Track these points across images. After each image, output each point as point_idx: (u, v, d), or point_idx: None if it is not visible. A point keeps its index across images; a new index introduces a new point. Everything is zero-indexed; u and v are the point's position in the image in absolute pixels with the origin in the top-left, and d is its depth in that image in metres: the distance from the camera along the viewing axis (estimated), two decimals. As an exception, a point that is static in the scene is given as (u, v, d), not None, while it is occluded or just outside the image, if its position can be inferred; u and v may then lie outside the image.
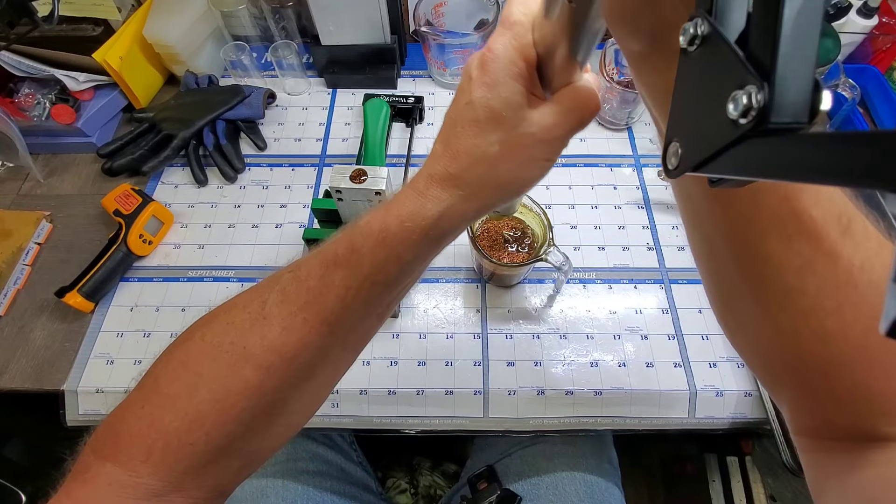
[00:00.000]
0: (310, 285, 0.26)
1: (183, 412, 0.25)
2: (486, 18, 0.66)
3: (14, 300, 0.54)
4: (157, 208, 0.56)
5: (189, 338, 0.28)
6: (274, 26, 0.69)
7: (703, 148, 0.18)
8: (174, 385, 0.26)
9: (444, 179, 0.25)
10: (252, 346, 0.26)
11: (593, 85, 0.25)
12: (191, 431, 0.25)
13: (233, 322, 0.27)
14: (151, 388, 0.27)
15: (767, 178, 0.16)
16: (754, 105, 0.15)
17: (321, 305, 0.26)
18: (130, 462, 0.25)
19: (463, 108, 0.25)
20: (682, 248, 0.56)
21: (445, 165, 0.25)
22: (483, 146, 0.24)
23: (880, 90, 0.65)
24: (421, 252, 0.26)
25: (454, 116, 0.26)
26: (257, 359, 0.26)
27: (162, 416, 0.25)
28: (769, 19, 0.15)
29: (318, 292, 0.26)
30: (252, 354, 0.26)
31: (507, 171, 0.25)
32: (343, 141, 0.66)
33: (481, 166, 0.25)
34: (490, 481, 0.50)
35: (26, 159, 0.60)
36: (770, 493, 0.62)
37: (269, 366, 0.26)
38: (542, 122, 0.24)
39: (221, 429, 0.25)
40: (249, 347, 0.26)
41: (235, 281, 0.55)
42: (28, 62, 0.60)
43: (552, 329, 0.51)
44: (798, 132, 0.15)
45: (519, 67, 0.24)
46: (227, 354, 0.26)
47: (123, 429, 0.26)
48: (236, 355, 0.26)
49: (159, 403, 0.26)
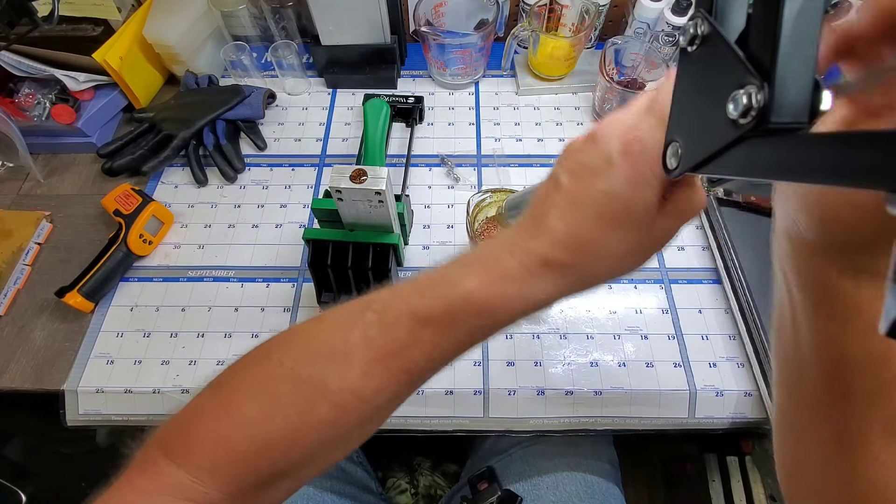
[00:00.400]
0: (397, 336, 0.26)
1: (256, 437, 0.26)
2: (486, 18, 0.66)
3: (14, 300, 0.54)
4: (157, 208, 0.56)
5: (267, 358, 0.28)
6: (274, 26, 0.70)
7: (703, 148, 0.18)
8: (251, 407, 0.27)
9: (561, 266, 0.24)
10: (331, 384, 0.26)
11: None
12: (259, 456, 0.26)
13: (312, 353, 0.27)
14: (228, 403, 0.27)
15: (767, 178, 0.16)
16: (754, 105, 0.15)
17: (406, 359, 0.26)
18: (198, 471, 0.26)
19: (598, 195, 0.23)
20: (681, 248, 0.56)
21: (567, 255, 0.24)
22: (613, 244, 0.24)
23: (880, 90, 0.65)
24: (514, 323, 0.27)
25: (580, 197, 0.24)
26: (335, 396, 0.26)
27: (235, 435, 0.26)
28: (769, 19, 0.15)
29: (404, 345, 0.26)
30: (330, 391, 0.26)
31: (623, 268, 0.25)
32: (343, 141, 0.66)
33: (604, 263, 0.24)
34: (490, 482, 0.50)
35: (26, 159, 0.60)
36: (770, 493, 0.62)
37: (346, 405, 0.26)
38: (666, 226, 0.24)
39: (288, 457, 0.26)
40: (328, 384, 0.26)
41: (235, 281, 0.55)
42: (28, 62, 0.60)
43: (552, 329, 0.51)
44: (798, 132, 0.15)
45: (661, 166, 0.22)
46: (306, 386, 0.26)
47: (196, 437, 0.27)
48: (315, 389, 0.26)
49: (234, 422, 0.26)
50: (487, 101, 0.69)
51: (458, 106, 0.69)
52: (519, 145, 0.65)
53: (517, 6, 0.71)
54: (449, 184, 0.62)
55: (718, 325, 0.51)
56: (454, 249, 0.56)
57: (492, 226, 0.52)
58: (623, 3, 0.71)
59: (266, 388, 0.27)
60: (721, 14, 0.17)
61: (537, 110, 0.68)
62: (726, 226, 0.54)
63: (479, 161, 0.64)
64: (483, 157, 0.64)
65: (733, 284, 0.51)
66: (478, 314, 0.25)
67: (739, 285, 0.50)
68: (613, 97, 0.61)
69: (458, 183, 0.61)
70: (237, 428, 0.26)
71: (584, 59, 0.69)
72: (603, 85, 0.61)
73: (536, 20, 0.65)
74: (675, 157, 0.21)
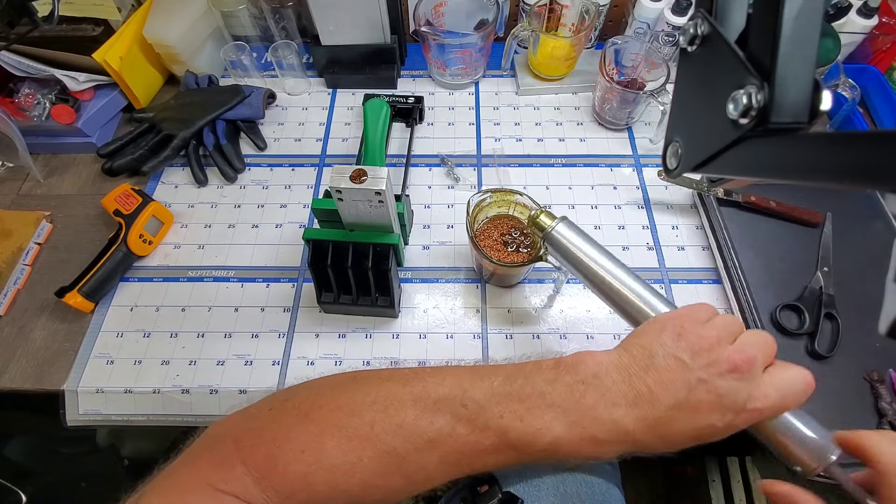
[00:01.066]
0: (480, 441, 0.29)
1: (335, 484, 0.28)
2: (486, 18, 0.66)
3: (14, 300, 0.54)
4: (157, 208, 0.56)
5: (359, 413, 0.30)
6: (274, 26, 0.69)
7: (703, 148, 0.18)
8: (338, 454, 0.28)
9: (644, 447, 0.29)
10: (411, 462, 0.29)
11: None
12: (331, 500, 0.28)
13: (402, 427, 0.29)
14: (317, 440, 0.29)
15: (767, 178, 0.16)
16: (754, 105, 0.15)
17: (478, 462, 0.30)
18: (274, 493, 0.27)
19: (715, 422, 0.28)
20: (681, 249, 0.56)
21: (654, 443, 0.28)
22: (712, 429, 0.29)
23: (880, 90, 0.65)
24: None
25: (699, 416, 0.28)
26: (410, 472, 0.29)
27: (318, 474, 0.28)
28: (769, 19, 0.15)
29: (484, 452, 0.29)
30: (408, 468, 0.29)
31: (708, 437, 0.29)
32: (343, 141, 0.66)
33: (692, 437, 0.29)
34: (490, 484, 0.50)
35: (26, 159, 0.60)
36: (770, 493, 0.62)
37: (416, 482, 0.29)
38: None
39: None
40: (409, 461, 0.29)
41: (235, 281, 0.55)
42: (28, 62, 0.60)
43: (552, 329, 0.51)
44: (798, 132, 0.15)
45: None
46: (389, 457, 0.28)
47: (280, 459, 0.28)
48: (396, 461, 0.29)
49: (320, 463, 0.28)
50: (487, 101, 0.69)
51: (458, 106, 0.69)
52: (519, 145, 0.65)
53: (517, 6, 0.71)
54: (449, 184, 0.62)
55: None
56: (454, 249, 0.56)
57: (491, 225, 0.52)
58: (623, 3, 0.71)
59: (354, 444, 0.29)
60: (721, 14, 0.17)
61: (537, 110, 0.68)
62: (726, 226, 0.54)
63: (479, 161, 0.64)
64: (483, 157, 0.64)
65: (733, 284, 0.51)
66: (553, 456, 0.29)
67: (739, 285, 0.50)
68: (613, 97, 0.61)
69: (458, 183, 0.61)
70: (321, 469, 0.28)
71: (584, 59, 0.69)
72: (603, 85, 0.61)
73: (536, 20, 0.65)
74: (675, 157, 0.21)
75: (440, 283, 0.54)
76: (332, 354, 0.50)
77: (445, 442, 0.29)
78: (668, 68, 0.58)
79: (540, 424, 0.28)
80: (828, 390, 0.46)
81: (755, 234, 0.54)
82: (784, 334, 0.48)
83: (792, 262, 0.53)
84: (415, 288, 0.54)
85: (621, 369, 0.29)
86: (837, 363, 0.47)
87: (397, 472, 0.28)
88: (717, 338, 0.29)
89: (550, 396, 0.29)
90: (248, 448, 0.28)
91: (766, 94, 0.15)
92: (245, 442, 0.29)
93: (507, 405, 0.29)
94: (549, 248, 0.40)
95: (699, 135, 0.19)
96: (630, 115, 0.63)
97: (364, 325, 0.52)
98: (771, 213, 0.55)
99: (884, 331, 0.15)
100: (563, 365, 0.30)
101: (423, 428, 0.29)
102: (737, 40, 0.17)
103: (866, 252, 0.53)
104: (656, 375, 0.28)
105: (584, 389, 0.29)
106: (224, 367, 0.49)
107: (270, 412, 0.30)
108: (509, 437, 0.28)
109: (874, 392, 0.46)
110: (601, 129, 0.66)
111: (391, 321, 0.52)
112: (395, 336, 0.51)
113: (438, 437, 0.28)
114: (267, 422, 0.30)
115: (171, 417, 0.49)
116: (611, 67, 0.62)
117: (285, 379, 0.49)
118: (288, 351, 0.50)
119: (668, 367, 0.28)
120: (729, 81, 0.16)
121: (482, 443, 0.29)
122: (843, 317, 0.48)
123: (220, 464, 0.28)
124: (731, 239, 0.53)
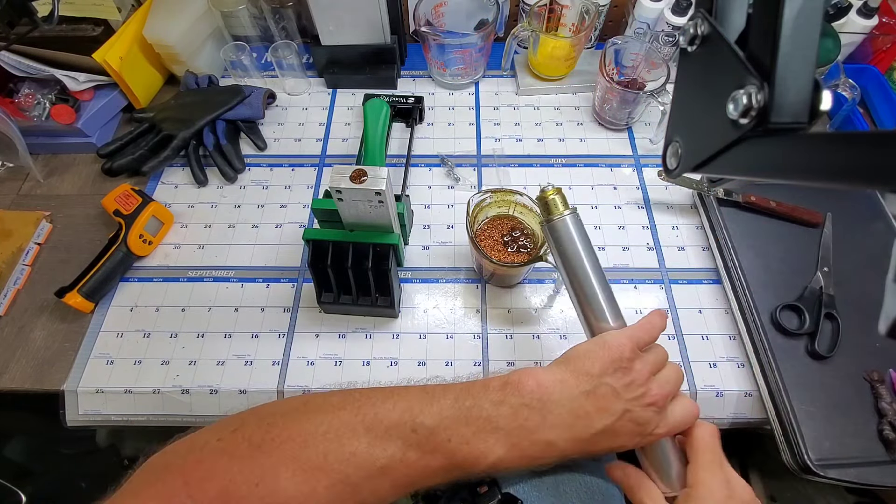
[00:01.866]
0: (430, 465, 0.30)
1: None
2: (486, 18, 0.66)
3: (14, 300, 0.54)
4: (157, 208, 0.56)
5: (313, 446, 0.30)
6: (274, 26, 0.69)
7: (703, 148, 0.18)
8: (291, 485, 0.28)
9: (580, 453, 0.33)
10: (364, 489, 0.29)
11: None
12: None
13: (354, 456, 0.29)
14: (270, 471, 0.28)
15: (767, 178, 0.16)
16: (754, 105, 0.15)
17: (427, 483, 0.31)
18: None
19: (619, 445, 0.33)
20: (681, 249, 0.56)
21: (586, 448, 0.33)
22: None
23: (880, 90, 0.65)
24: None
25: (619, 435, 0.33)
26: (362, 496, 0.30)
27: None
28: (769, 19, 0.15)
29: (432, 474, 0.31)
30: (361, 496, 0.29)
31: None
32: (343, 141, 0.66)
33: (607, 451, 0.34)
34: (490, 485, 0.50)
35: (26, 159, 0.60)
36: (770, 493, 0.62)
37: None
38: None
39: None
40: (362, 489, 0.29)
41: (235, 281, 0.55)
42: (28, 62, 0.60)
43: (552, 329, 0.51)
44: (798, 132, 0.15)
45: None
46: (343, 486, 0.29)
47: (234, 493, 0.27)
48: (350, 490, 0.29)
49: (273, 496, 0.28)
50: (487, 101, 0.69)
51: (458, 106, 0.69)
52: (519, 145, 0.65)
53: (517, 6, 0.71)
54: (449, 184, 0.62)
55: (718, 325, 0.51)
56: (454, 249, 0.56)
57: (491, 225, 0.52)
58: (623, 3, 0.71)
59: (308, 475, 0.29)
60: (721, 14, 0.17)
61: (537, 110, 0.68)
62: (726, 226, 0.54)
63: (479, 161, 0.64)
64: (483, 157, 0.64)
65: (733, 284, 0.51)
66: (492, 472, 0.32)
67: (739, 285, 0.50)
68: (613, 97, 0.61)
69: (458, 183, 0.61)
70: (276, 502, 0.27)
71: (584, 59, 0.69)
72: (603, 85, 0.61)
73: (536, 20, 0.65)
74: (675, 157, 0.21)
75: (440, 284, 0.54)
76: (332, 354, 0.50)
77: (397, 467, 0.30)
78: (668, 68, 0.58)
79: (484, 447, 0.31)
80: (828, 390, 0.46)
81: (755, 234, 0.54)
82: (784, 334, 0.48)
83: (792, 262, 0.53)
84: (415, 288, 0.54)
85: (564, 391, 0.32)
86: (837, 363, 0.47)
87: (351, 499, 0.29)
88: (648, 373, 0.33)
89: (496, 420, 0.31)
90: (197, 482, 0.27)
91: (766, 94, 0.15)
92: (194, 475, 0.27)
93: (455, 429, 0.31)
94: (547, 230, 0.39)
95: (699, 135, 0.19)
96: (630, 116, 0.63)
97: (364, 325, 0.52)
98: (771, 213, 0.55)
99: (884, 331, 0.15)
100: (510, 386, 0.32)
101: (376, 455, 0.29)
102: (737, 40, 0.17)
103: (866, 252, 0.53)
104: (594, 402, 0.32)
105: (527, 413, 0.31)
106: (224, 367, 0.49)
107: (219, 443, 0.29)
108: (456, 459, 0.30)
109: (874, 392, 0.46)
110: (601, 129, 0.66)
111: (391, 321, 0.52)
112: (395, 336, 0.51)
113: (390, 463, 0.29)
114: (216, 454, 0.28)
115: (171, 417, 0.49)
116: (611, 67, 0.62)
117: (285, 379, 0.49)
118: (288, 351, 0.50)
119: (605, 395, 0.32)
120: (729, 81, 0.16)
121: (431, 465, 0.30)
122: (843, 317, 0.48)
123: (167, 498, 0.26)
124: (731, 239, 0.53)
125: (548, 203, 0.38)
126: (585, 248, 0.37)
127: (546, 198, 0.38)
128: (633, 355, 0.33)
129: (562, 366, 0.34)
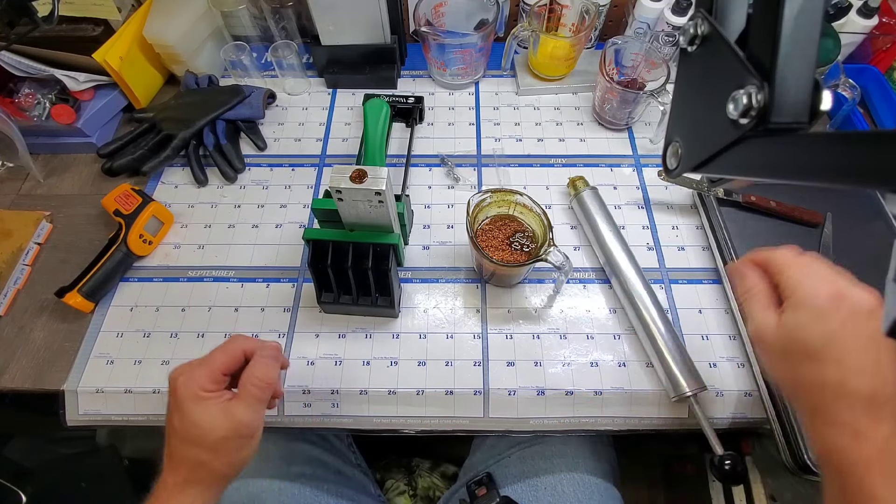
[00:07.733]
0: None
1: None
2: (486, 18, 0.66)
3: (14, 300, 0.54)
4: (157, 208, 0.56)
5: None
6: (274, 26, 0.69)
7: (703, 148, 0.18)
8: None
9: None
10: None
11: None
12: None
13: None
14: None
15: (767, 178, 0.16)
16: (754, 105, 0.15)
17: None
18: None
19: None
20: (681, 248, 0.56)
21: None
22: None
23: (880, 90, 0.65)
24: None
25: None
26: None
27: None
28: (769, 19, 0.15)
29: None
30: None
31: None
32: (343, 141, 0.66)
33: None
34: (489, 488, 0.50)
35: (26, 159, 0.60)
36: (770, 493, 0.62)
37: None
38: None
39: None
40: None
41: (235, 281, 0.55)
42: (28, 62, 0.60)
43: (552, 329, 0.51)
44: (798, 132, 0.15)
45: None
46: None
47: None
48: None
49: None
50: (487, 101, 0.69)
51: (458, 106, 0.69)
52: (519, 145, 0.65)
53: (517, 6, 0.71)
54: (449, 184, 0.62)
55: (718, 325, 0.51)
56: (454, 249, 0.56)
57: (491, 225, 0.52)
58: (623, 3, 0.71)
59: None
60: (721, 14, 0.17)
61: (537, 110, 0.68)
62: (726, 226, 0.54)
63: (479, 161, 0.64)
64: (483, 157, 0.64)
65: (733, 284, 0.51)
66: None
67: (739, 285, 0.50)
68: (613, 97, 0.61)
69: (458, 183, 0.61)
70: None
71: (584, 59, 0.69)
72: (603, 85, 0.61)
73: (536, 20, 0.65)
74: (675, 157, 0.21)
75: (440, 283, 0.54)
76: (332, 354, 0.50)
77: None
78: (668, 68, 0.58)
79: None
80: (828, 390, 0.46)
81: (755, 234, 0.54)
82: (784, 334, 0.48)
83: (792, 262, 0.52)
84: (415, 288, 0.54)
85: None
86: (837, 363, 0.47)
87: None
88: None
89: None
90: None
91: (766, 94, 0.15)
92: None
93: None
94: (575, 202, 0.56)
95: (699, 135, 0.19)
96: (630, 115, 0.63)
97: (364, 325, 0.52)
98: (771, 213, 0.55)
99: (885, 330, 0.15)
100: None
101: None
102: (737, 40, 0.17)
103: (866, 252, 0.53)
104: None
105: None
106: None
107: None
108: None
109: (874, 392, 0.46)
110: (601, 129, 0.66)
111: (391, 321, 0.52)
112: (395, 336, 0.51)
113: None
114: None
115: (171, 417, 0.49)
116: (611, 67, 0.62)
117: (286, 379, 0.49)
118: (288, 351, 0.50)
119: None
120: (729, 81, 0.16)
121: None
122: (843, 317, 0.48)
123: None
124: (731, 239, 0.53)
125: (575, 183, 0.56)
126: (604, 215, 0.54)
127: (575, 181, 0.57)
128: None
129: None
